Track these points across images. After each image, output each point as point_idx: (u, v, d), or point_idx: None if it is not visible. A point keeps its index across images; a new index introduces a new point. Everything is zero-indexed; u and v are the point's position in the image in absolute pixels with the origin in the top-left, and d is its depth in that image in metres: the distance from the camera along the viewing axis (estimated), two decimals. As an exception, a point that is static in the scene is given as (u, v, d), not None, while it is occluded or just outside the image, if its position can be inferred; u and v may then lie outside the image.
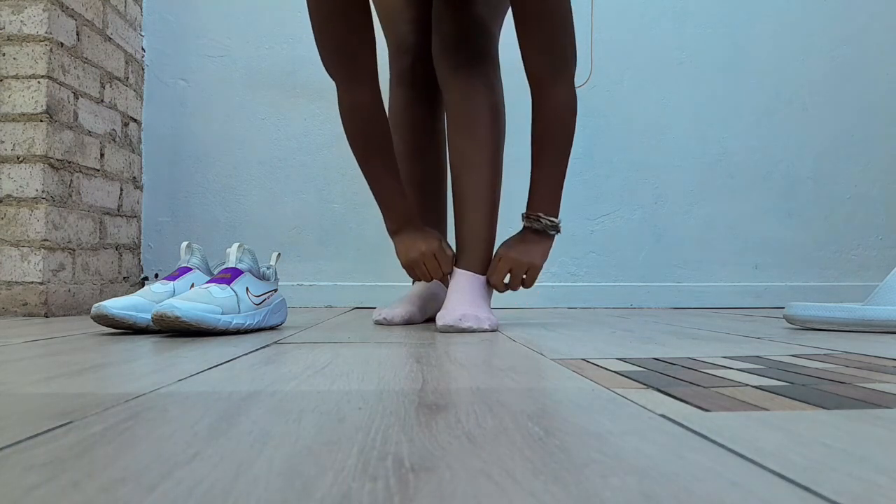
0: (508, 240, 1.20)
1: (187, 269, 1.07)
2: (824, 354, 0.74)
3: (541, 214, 1.16)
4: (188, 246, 1.10)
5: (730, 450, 0.33)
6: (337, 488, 0.27)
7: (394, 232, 1.20)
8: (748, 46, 2.07)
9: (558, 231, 1.18)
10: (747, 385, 0.53)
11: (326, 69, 1.11)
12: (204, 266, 1.09)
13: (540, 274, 1.22)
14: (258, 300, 1.05)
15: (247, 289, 1.04)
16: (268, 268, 1.15)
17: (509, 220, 2.00)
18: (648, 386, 0.52)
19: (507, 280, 1.19)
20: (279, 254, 1.18)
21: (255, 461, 0.31)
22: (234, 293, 1.01)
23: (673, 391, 0.50)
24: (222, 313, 0.97)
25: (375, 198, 1.20)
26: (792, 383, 0.54)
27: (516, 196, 2.00)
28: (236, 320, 0.99)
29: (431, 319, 1.30)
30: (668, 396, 0.48)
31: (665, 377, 0.57)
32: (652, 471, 0.30)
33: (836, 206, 2.09)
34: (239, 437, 0.36)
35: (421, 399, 0.47)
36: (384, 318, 1.21)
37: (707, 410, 0.43)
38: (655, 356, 0.72)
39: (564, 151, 1.16)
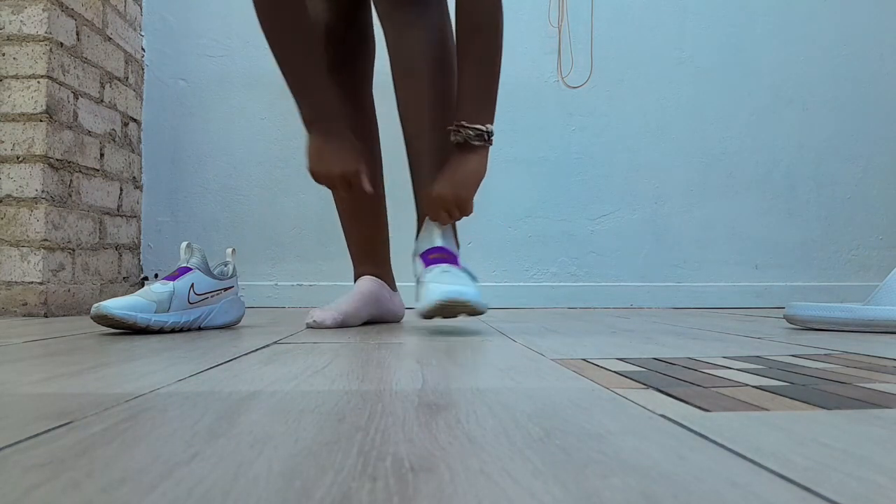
0: (442, 169, 1.08)
1: (187, 269, 1.07)
2: (824, 354, 0.73)
3: (464, 123, 1.03)
4: (188, 246, 1.10)
5: (730, 450, 0.33)
6: (337, 488, 0.27)
7: (309, 122, 1.07)
8: (748, 46, 2.07)
9: (486, 140, 1.05)
10: (747, 385, 0.53)
11: None
12: (204, 266, 1.09)
13: (475, 194, 1.08)
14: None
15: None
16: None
17: (495, 217, 2.00)
18: (648, 386, 0.52)
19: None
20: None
21: (255, 461, 0.31)
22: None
23: (673, 391, 0.50)
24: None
25: (290, 88, 1.06)
26: (792, 383, 0.54)
27: (502, 193, 2.00)
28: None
29: (371, 322, 1.22)
30: (668, 396, 0.48)
31: (665, 377, 0.57)
32: (652, 471, 0.30)
33: (836, 206, 2.09)
34: (239, 437, 0.36)
35: (421, 399, 0.47)
36: (314, 321, 1.10)
37: (707, 410, 0.43)
38: (655, 356, 0.72)
39: (489, 47, 1.03)
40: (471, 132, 1.04)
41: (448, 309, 0.94)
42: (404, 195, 1.82)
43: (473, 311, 0.97)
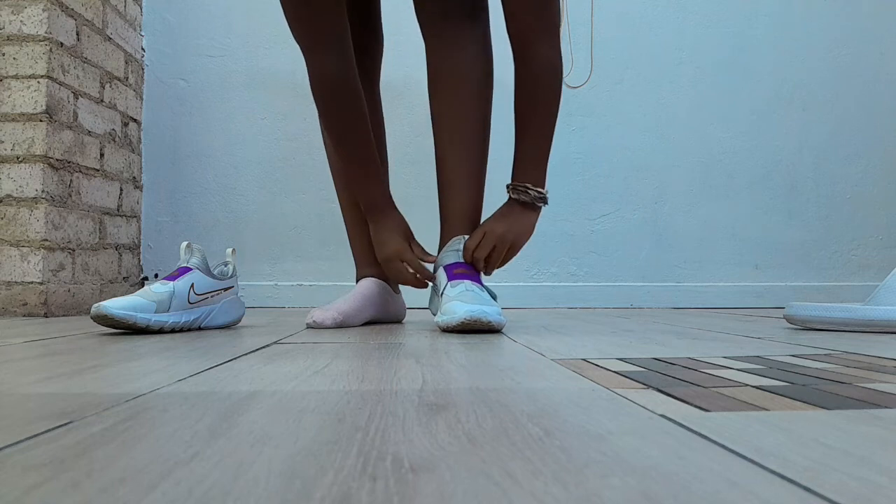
0: (495, 213, 1.14)
1: (187, 269, 1.07)
2: (824, 354, 0.73)
3: (529, 186, 1.11)
4: (188, 246, 1.10)
5: (730, 450, 0.33)
6: (337, 488, 0.27)
7: (368, 212, 1.14)
8: (748, 46, 2.07)
9: (546, 203, 1.14)
10: (747, 385, 0.53)
11: (292, 32, 1.04)
12: (204, 266, 1.09)
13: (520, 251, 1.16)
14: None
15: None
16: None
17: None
18: (648, 386, 0.52)
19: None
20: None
21: (255, 461, 0.31)
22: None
23: (673, 391, 0.50)
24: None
25: (347, 179, 1.13)
26: (792, 383, 0.54)
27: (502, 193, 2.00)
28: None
29: (372, 322, 1.23)
30: (668, 396, 0.48)
31: (665, 377, 0.57)
32: (652, 471, 0.30)
33: (836, 206, 2.09)
34: (239, 437, 0.36)
35: (421, 399, 0.47)
36: (314, 322, 1.11)
37: (707, 410, 0.43)
38: (655, 356, 0.72)
39: (552, 116, 1.10)
40: (534, 194, 1.11)
41: (470, 327, 0.99)
42: (408, 195, 1.83)
43: (493, 329, 1.01)
